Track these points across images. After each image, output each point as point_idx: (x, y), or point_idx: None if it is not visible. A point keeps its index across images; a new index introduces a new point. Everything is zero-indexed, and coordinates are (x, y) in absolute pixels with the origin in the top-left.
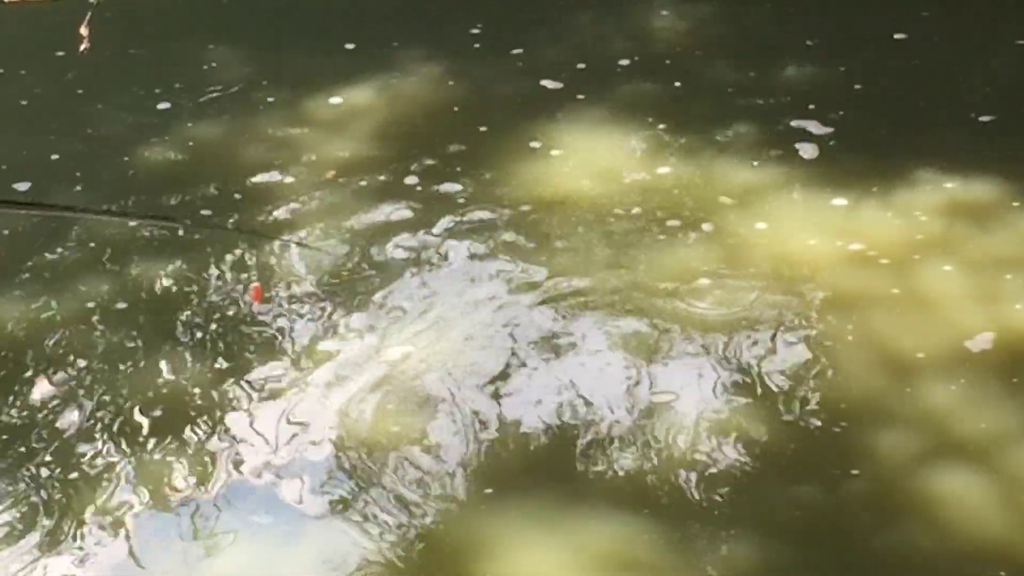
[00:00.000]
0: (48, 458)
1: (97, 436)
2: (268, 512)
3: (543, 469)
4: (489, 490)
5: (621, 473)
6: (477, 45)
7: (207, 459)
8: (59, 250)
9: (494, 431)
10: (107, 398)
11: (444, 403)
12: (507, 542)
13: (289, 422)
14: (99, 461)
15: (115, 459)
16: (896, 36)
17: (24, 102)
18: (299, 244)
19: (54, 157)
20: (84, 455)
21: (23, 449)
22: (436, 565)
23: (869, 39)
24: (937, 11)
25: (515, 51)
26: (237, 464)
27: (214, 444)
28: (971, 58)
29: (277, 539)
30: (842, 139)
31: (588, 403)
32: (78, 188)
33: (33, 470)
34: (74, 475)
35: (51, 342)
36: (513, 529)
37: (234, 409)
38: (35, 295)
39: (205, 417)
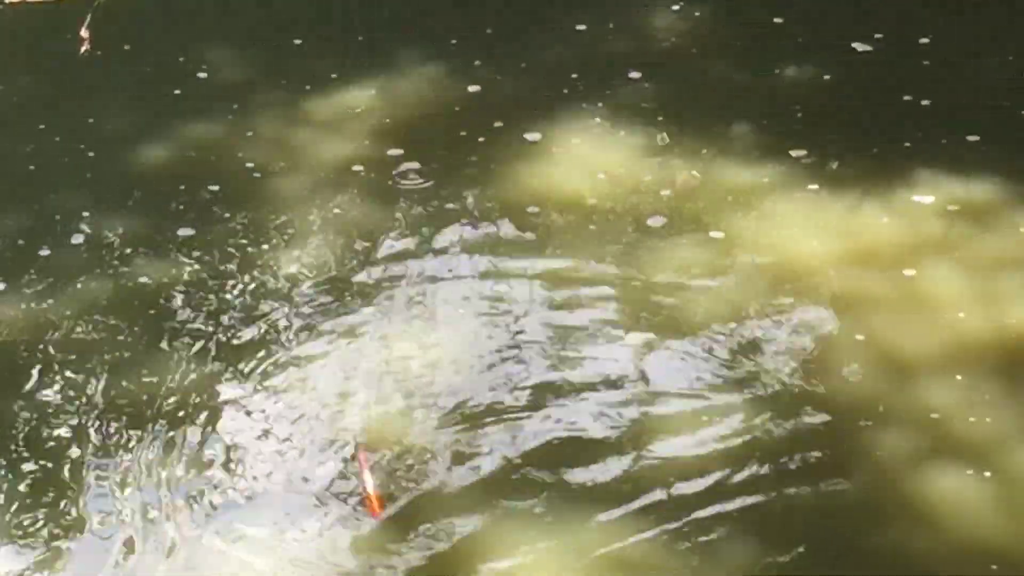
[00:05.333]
0: (46, 457)
1: (95, 434)
2: (267, 510)
3: (542, 468)
4: (488, 490)
5: (619, 473)
6: (477, 45)
7: (206, 458)
8: (59, 250)
9: (493, 430)
10: (105, 397)
11: (443, 402)
12: (506, 541)
13: (289, 420)
14: (96, 460)
15: (111, 458)
16: (894, 35)
17: (24, 102)
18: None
19: (54, 157)
20: (81, 454)
21: (20, 448)
22: (433, 564)
23: (868, 39)
24: (941, 10)
25: (515, 51)
26: (236, 464)
27: (213, 443)
28: (968, 59)
29: (277, 537)
30: (842, 139)
31: (587, 403)
32: (78, 188)
33: (29, 469)
34: (71, 474)
35: (49, 341)
36: (512, 529)
37: (234, 407)
38: (35, 294)
39: (201, 417)
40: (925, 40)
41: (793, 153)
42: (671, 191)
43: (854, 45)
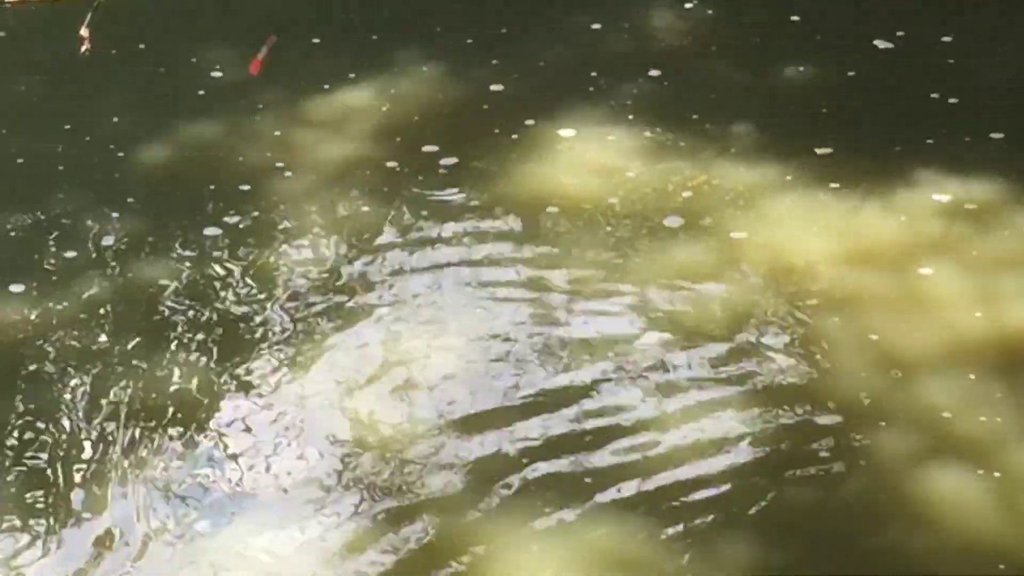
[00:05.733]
0: (48, 457)
1: (97, 433)
2: (267, 509)
3: (542, 468)
4: (489, 488)
5: (619, 473)
6: (477, 45)
7: (206, 458)
8: (61, 250)
9: (493, 429)
10: (106, 396)
11: (443, 401)
12: (507, 540)
13: (289, 419)
14: (97, 459)
15: (113, 457)
16: (897, 35)
17: (24, 102)
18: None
19: (54, 157)
20: (83, 453)
21: (22, 447)
22: (434, 563)
23: (868, 40)
24: (937, 12)
25: (515, 51)
26: (236, 463)
27: (213, 443)
28: (972, 61)
29: (276, 535)
30: (842, 139)
31: (586, 402)
32: (78, 188)
33: (31, 468)
34: (72, 473)
35: (52, 340)
36: (513, 529)
37: (234, 407)
38: (39, 294)
39: (203, 416)
40: (948, 38)
41: (792, 152)
42: (691, 191)
43: (876, 43)
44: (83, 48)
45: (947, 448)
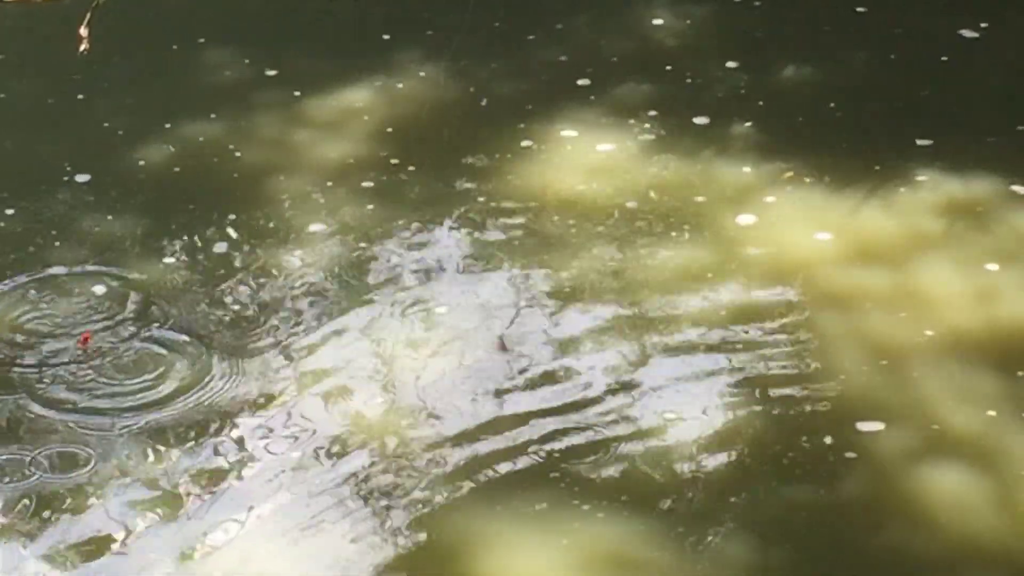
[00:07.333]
0: (49, 456)
1: (93, 434)
2: (266, 510)
3: (541, 467)
4: (488, 489)
5: (617, 472)
6: (477, 45)
7: (205, 459)
8: (58, 250)
9: (492, 429)
10: (103, 396)
11: (442, 400)
12: (506, 541)
13: (288, 418)
14: (95, 459)
15: (110, 457)
16: (896, 33)
17: (23, 102)
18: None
19: (53, 157)
20: (81, 453)
21: (22, 448)
22: (433, 563)
23: (868, 39)
24: (941, 10)
25: (513, 51)
26: (235, 463)
27: (212, 444)
28: (971, 59)
29: (277, 536)
30: (841, 138)
31: (585, 402)
32: (77, 188)
33: (32, 469)
34: (70, 473)
35: (50, 341)
36: (512, 528)
37: (233, 408)
38: (36, 295)
39: (202, 416)
40: (926, 40)
41: (792, 152)
42: (777, 190)
43: (961, 32)
44: (81, 47)
45: (944, 446)
